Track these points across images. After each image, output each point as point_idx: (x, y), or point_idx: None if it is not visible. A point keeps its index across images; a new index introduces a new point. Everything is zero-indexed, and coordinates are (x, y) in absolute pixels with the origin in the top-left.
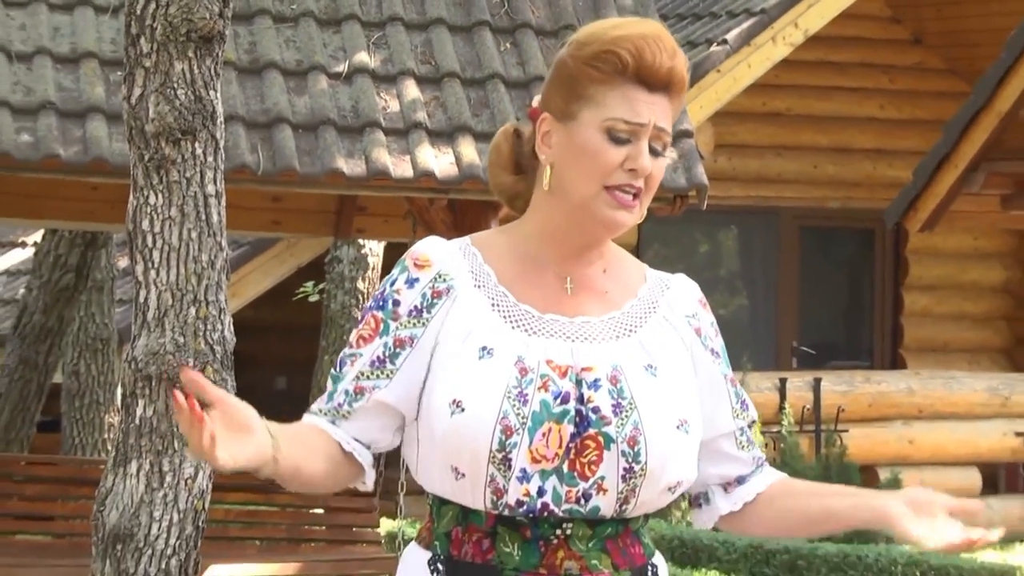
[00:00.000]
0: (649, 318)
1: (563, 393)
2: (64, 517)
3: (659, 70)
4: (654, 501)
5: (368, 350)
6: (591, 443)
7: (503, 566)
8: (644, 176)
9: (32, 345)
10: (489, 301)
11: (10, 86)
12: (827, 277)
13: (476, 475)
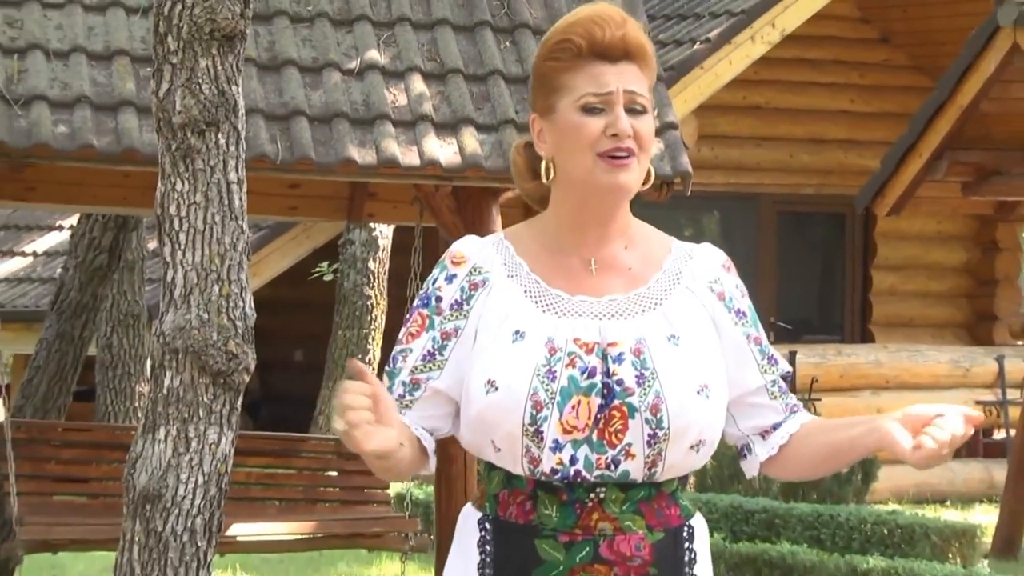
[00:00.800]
0: (673, 289)
1: (590, 368)
2: (98, 479)
3: (611, 41)
4: (682, 463)
5: (418, 344)
6: (617, 413)
7: (543, 526)
8: (626, 137)
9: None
10: (522, 289)
11: (48, 81)
12: (802, 258)
13: (512, 447)
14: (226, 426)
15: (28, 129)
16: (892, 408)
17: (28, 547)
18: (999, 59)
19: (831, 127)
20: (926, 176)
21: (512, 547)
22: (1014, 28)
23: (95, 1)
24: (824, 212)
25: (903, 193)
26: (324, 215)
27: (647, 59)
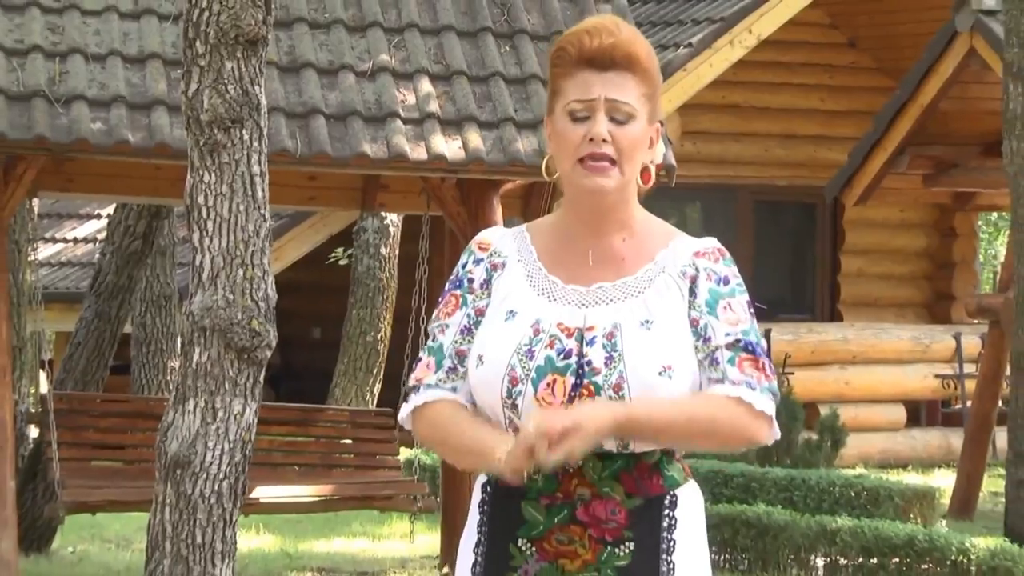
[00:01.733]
0: (657, 278)
1: (567, 350)
2: (133, 446)
3: (599, 50)
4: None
5: (454, 321)
6: (585, 392)
7: (529, 490)
8: (601, 142)
9: (106, 301)
10: (525, 273)
11: (86, 82)
12: (776, 244)
13: (497, 416)
14: (250, 398)
15: (68, 126)
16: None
17: (69, 508)
18: (957, 62)
19: (803, 124)
20: (890, 169)
21: (503, 508)
22: (970, 33)
23: (130, 9)
24: (797, 202)
25: (869, 184)
26: (339, 205)
27: (639, 68)
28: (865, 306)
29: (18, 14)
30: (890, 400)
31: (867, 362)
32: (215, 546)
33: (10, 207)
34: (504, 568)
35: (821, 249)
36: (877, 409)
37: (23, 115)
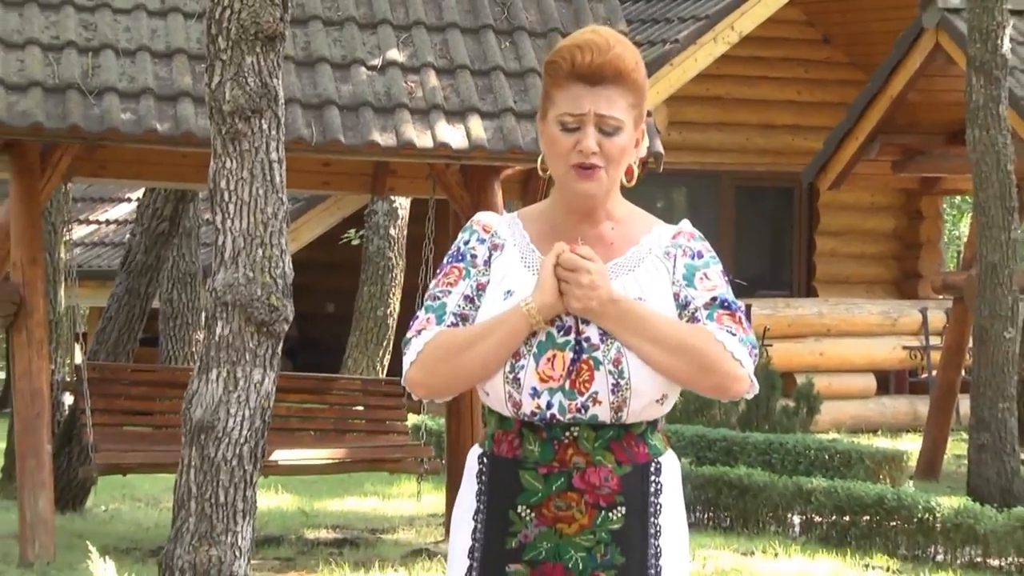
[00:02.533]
0: (645, 259)
1: (566, 326)
2: (161, 413)
3: (591, 67)
4: (646, 411)
5: (458, 289)
6: (585, 366)
7: (526, 460)
8: (591, 154)
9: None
10: (520, 256)
11: (117, 76)
12: (756, 225)
13: (497, 392)
14: (268, 368)
15: (101, 116)
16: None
17: (102, 470)
18: (923, 57)
19: (781, 114)
20: (861, 156)
21: (501, 477)
22: (936, 30)
23: (157, 7)
24: (775, 187)
25: (842, 170)
26: (351, 189)
27: (628, 83)
28: (838, 283)
29: (54, 12)
30: (861, 370)
31: (840, 335)
32: (237, 505)
33: (47, 191)
34: (504, 533)
35: (798, 230)
36: (849, 378)
37: (58, 106)
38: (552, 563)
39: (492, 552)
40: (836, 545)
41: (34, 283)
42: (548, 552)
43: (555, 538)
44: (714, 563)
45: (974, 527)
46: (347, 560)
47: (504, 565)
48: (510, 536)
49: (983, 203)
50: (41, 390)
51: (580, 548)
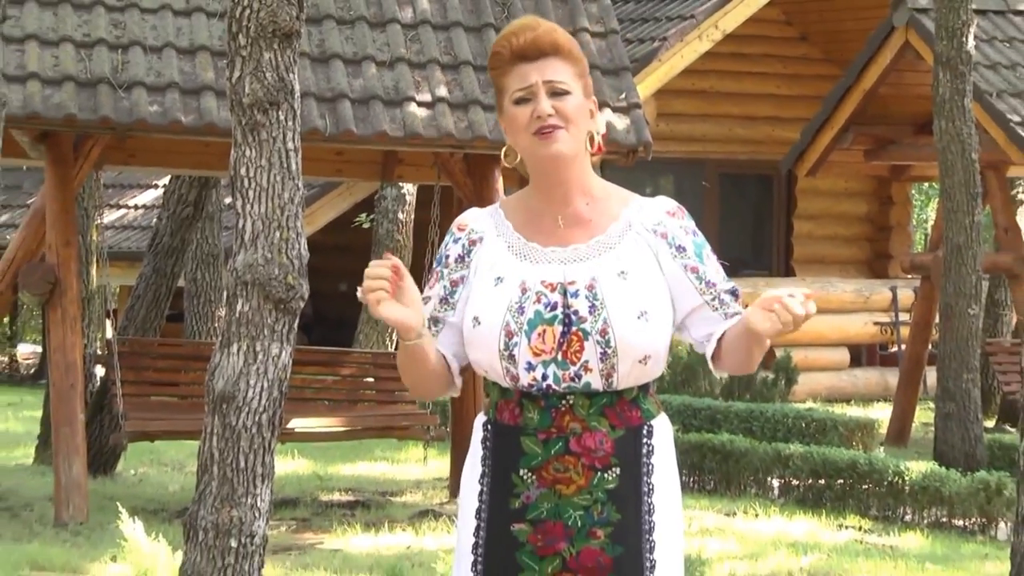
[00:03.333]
0: (626, 235)
1: (552, 303)
2: (185, 384)
3: (525, 45)
4: (634, 374)
5: (434, 293)
6: (575, 337)
7: (527, 427)
8: (547, 116)
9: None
10: (506, 244)
11: (145, 71)
12: (738, 210)
13: (494, 367)
14: (285, 342)
15: (130, 108)
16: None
17: (131, 437)
18: (894, 53)
19: (761, 107)
20: (836, 145)
21: (504, 443)
22: (906, 28)
23: (182, 7)
24: (756, 174)
25: (818, 159)
26: (362, 176)
27: (564, 53)
28: (814, 263)
29: (86, 11)
30: (835, 344)
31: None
32: (256, 470)
33: (79, 179)
34: (508, 495)
35: (777, 214)
36: (824, 352)
37: (90, 99)
38: (552, 522)
39: (497, 512)
40: (812, 506)
41: (68, 263)
42: (549, 512)
43: (555, 498)
44: (699, 523)
45: (940, 490)
46: (359, 520)
47: (509, 524)
48: (513, 497)
49: (949, 189)
50: (75, 363)
51: (578, 507)
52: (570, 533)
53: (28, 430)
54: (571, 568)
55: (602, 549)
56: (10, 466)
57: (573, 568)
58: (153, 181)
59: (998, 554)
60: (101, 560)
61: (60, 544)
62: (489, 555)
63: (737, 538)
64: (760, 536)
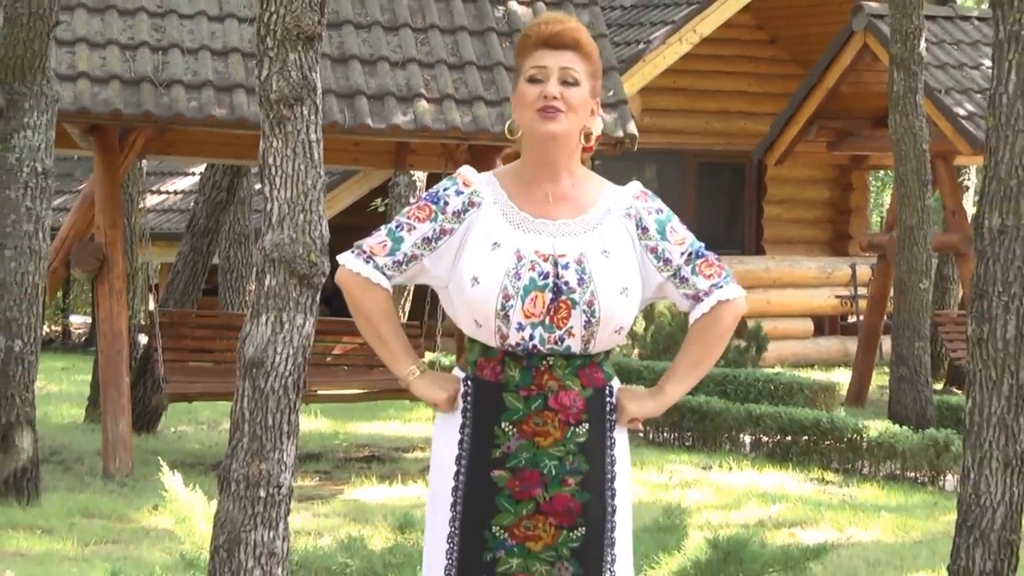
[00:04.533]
0: (606, 217)
1: (545, 272)
2: (220, 351)
3: (551, 34)
4: (607, 341)
5: (422, 229)
6: (563, 305)
7: (509, 383)
8: (552, 98)
9: (199, 239)
10: (501, 211)
11: (183, 70)
12: (714, 195)
13: (488, 325)
14: (309, 313)
15: (169, 104)
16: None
17: (171, 398)
18: (853, 55)
19: (735, 103)
20: (802, 137)
21: (486, 398)
22: (864, 32)
23: (217, 13)
24: (730, 163)
25: (785, 149)
26: (377, 165)
27: (582, 48)
28: (782, 243)
29: (130, 17)
30: (801, 315)
31: (783, 286)
32: (282, 428)
33: (124, 167)
34: (489, 445)
35: (748, 199)
36: (791, 322)
37: (134, 96)
38: (530, 470)
39: (478, 460)
40: (780, 461)
41: (114, 243)
42: (527, 461)
43: (533, 449)
44: (678, 476)
45: (894, 445)
46: (374, 473)
47: (489, 471)
48: (495, 447)
49: (902, 176)
50: (121, 332)
51: (553, 458)
52: (545, 480)
53: (79, 392)
54: (543, 511)
55: (572, 495)
56: (63, 424)
57: (546, 511)
58: (190, 169)
59: (946, 503)
60: (144, 508)
61: (108, 494)
62: (468, 497)
63: (713, 489)
64: (734, 487)
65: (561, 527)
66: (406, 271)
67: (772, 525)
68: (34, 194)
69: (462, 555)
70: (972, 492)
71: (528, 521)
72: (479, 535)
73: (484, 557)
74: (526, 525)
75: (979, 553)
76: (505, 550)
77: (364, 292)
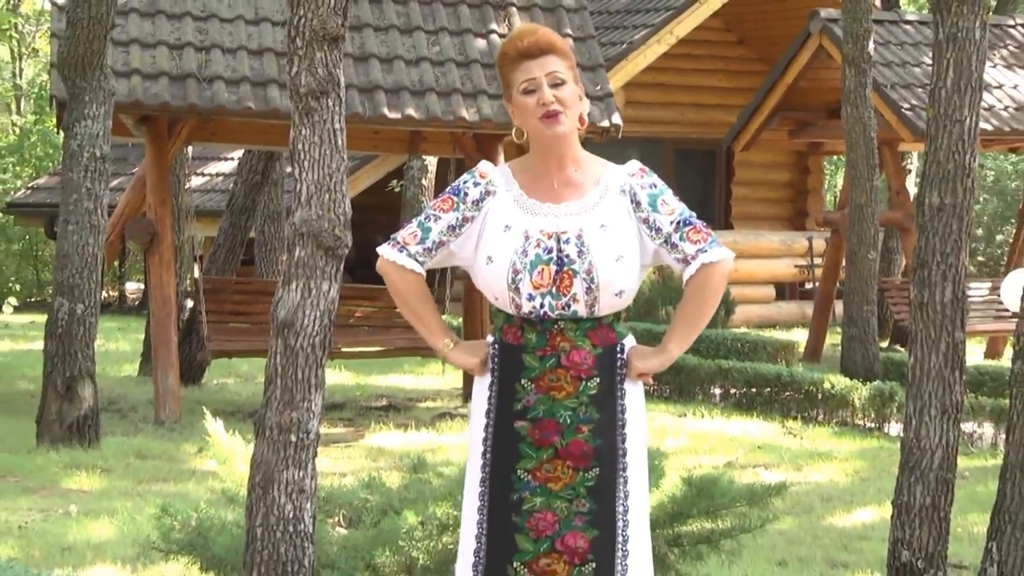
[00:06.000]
0: (605, 195)
1: (549, 248)
2: (256, 314)
3: (528, 46)
4: (611, 304)
5: (447, 217)
6: (565, 275)
7: (527, 345)
8: (550, 104)
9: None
10: (513, 198)
11: (223, 67)
12: (689, 177)
13: (503, 297)
14: (333, 281)
15: (211, 97)
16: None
17: (213, 355)
18: (811, 54)
19: (707, 96)
20: (766, 127)
21: (509, 359)
22: (820, 34)
23: (253, 17)
24: (703, 149)
25: (751, 137)
26: (394, 151)
27: (557, 50)
28: (748, 219)
29: (177, 21)
30: (764, 282)
31: (749, 257)
32: (310, 381)
33: (172, 152)
34: (512, 399)
35: (719, 181)
36: (756, 288)
37: (180, 90)
38: (547, 420)
39: (503, 412)
40: (746, 409)
41: (164, 219)
42: (544, 412)
43: (549, 402)
44: (657, 422)
45: (846, 396)
46: (391, 420)
47: (513, 422)
48: (516, 401)
49: (853, 161)
50: (170, 297)
51: (567, 409)
52: (561, 428)
53: (133, 349)
54: (561, 456)
55: (586, 441)
56: (119, 377)
57: (563, 456)
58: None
59: (890, 447)
60: (191, 451)
61: (159, 438)
62: (496, 444)
63: (688, 435)
64: (706, 433)
65: (577, 469)
66: (436, 256)
67: (739, 466)
68: (93, 176)
69: (492, 496)
70: (913, 437)
71: (548, 465)
72: (506, 478)
73: (511, 497)
74: (547, 468)
75: (919, 490)
76: (529, 490)
77: (401, 277)
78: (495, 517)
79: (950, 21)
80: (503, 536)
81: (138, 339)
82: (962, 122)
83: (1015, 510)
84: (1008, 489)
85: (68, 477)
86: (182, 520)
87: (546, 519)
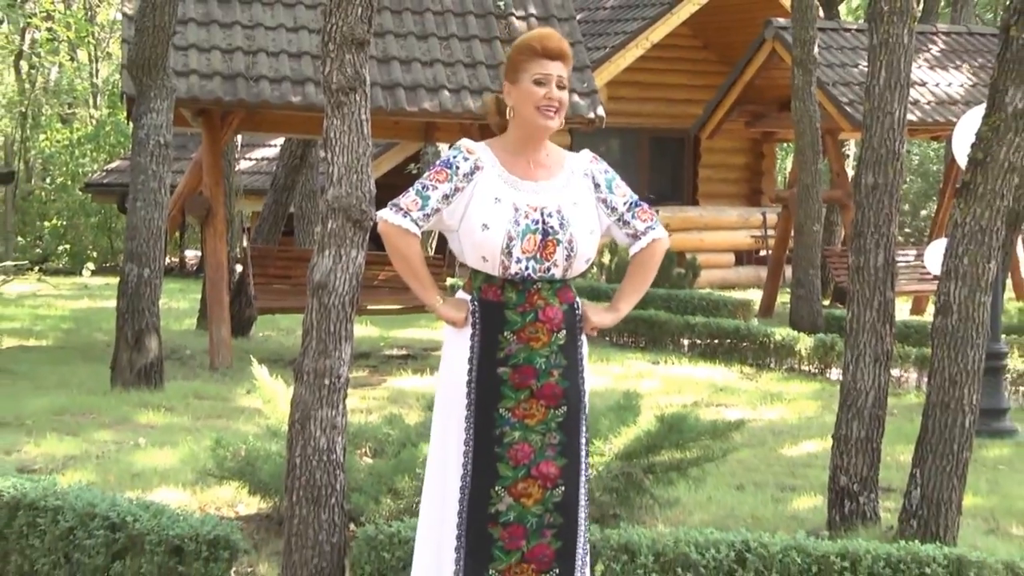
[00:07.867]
0: (572, 178)
1: (535, 219)
2: (295, 276)
3: (552, 48)
4: (578, 269)
5: (442, 187)
6: (550, 243)
7: (508, 303)
8: (554, 101)
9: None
10: (498, 174)
11: (268, 68)
12: (662, 161)
13: (494, 259)
14: (360, 248)
15: (257, 93)
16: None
17: (259, 311)
18: (765, 56)
19: (677, 93)
20: (727, 118)
21: (491, 314)
22: (773, 40)
23: (292, 26)
24: (674, 138)
25: (715, 127)
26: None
27: (567, 59)
28: (712, 196)
29: (228, 29)
30: (725, 250)
31: (713, 229)
32: (341, 334)
33: (225, 140)
34: (495, 348)
35: (687, 164)
36: (718, 255)
37: (231, 88)
38: (526, 366)
39: (487, 360)
40: (710, 358)
41: (217, 197)
42: (524, 359)
43: (528, 351)
44: (635, 369)
45: (794, 346)
46: (410, 367)
47: (496, 367)
48: (499, 350)
49: (801, 147)
50: (222, 262)
51: (542, 356)
52: (537, 373)
53: (192, 306)
54: (536, 396)
55: (556, 383)
56: (180, 330)
57: (538, 396)
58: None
59: (831, 389)
60: (240, 392)
61: (213, 382)
62: (480, 387)
63: (660, 379)
64: (676, 377)
65: (549, 407)
66: (430, 221)
67: (704, 405)
68: (158, 160)
69: (477, 431)
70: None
71: (525, 404)
72: (490, 415)
73: (494, 432)
74: (524, 407)
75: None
76: (509, 426)
77: (402, 239)
78: (480, 448)
79: (883, 29)
80: (487, 464)
81: (195, 298)
82: (892, 114)
83: (935, 442)
84: (930, 424)
85: (137, 414)
86: (233, 451)
87: (523, 450)
